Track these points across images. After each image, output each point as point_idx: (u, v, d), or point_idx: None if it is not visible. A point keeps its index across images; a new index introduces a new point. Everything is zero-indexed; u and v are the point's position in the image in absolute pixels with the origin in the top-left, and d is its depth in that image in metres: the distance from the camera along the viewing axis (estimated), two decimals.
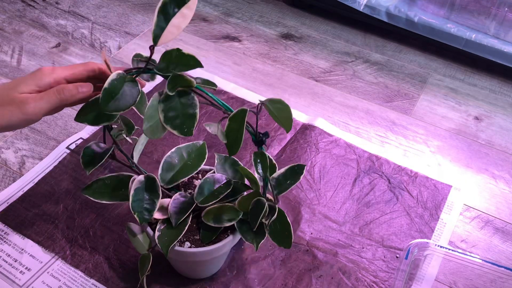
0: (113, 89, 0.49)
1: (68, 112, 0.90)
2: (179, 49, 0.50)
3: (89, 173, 0.56)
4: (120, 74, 0.50)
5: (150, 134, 0.50)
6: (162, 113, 0.50)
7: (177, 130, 0.50)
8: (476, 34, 1.01)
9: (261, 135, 0.55)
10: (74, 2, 1.18)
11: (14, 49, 1.04)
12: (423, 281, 0.69)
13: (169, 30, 0.50)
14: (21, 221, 0.73)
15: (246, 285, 0.67)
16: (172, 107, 0.51)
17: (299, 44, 1.10)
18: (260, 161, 0.56)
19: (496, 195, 0.81)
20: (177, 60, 0.50)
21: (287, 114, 0.53)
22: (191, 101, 0.51)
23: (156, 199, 0.57)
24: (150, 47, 0.50)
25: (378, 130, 0.91)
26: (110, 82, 0.49)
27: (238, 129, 0.52)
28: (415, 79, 1.03)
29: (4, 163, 0.81)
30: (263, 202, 0.57)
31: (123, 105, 0.49)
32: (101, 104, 0.48)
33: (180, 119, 0.51)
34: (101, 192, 0.59)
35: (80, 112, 0.53)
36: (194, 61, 0.50)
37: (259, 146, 0.57)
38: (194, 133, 0.86)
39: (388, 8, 1.06)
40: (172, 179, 0.61)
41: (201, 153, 0.62)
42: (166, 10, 0.49)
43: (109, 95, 0.49)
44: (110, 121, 0.53)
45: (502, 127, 0.94)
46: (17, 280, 0.66)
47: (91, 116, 0.52)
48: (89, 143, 0.59)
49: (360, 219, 0.76)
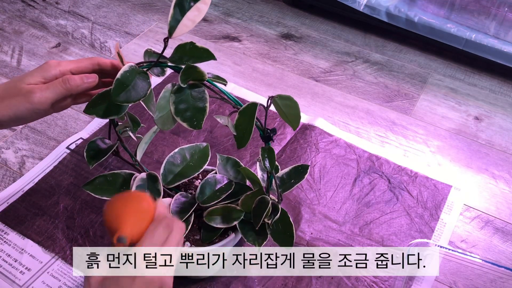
0: (125, 80, 0.50)
1: (68, 112, 0.90)
2: (193, 42, 0.51)
3: (92, 167, 0.56)
4: (132, 67, 0.51)
5: (161, 125, 0.51)
6: (173, 104, 0.51)
7: (187, 123, 0.51)
8: (476, 34, 1.01)
9: (269, 131, 0.56)
10: (74, 2, 1.18)
11: (14, 49, 1.04)
12: (423, 281, 0.69)
13: (184, 23, 0.50)
14: (21, 221, 0.73)
15: (246, 285, 0.67)
16: (183, 99, 0.51)
17: (299, 44, 1.10)
18: (268, 156, 0.56)
19: (496, 195, 0.81)
20: (190, 53, 0.51)
21: (295, 111, 0.54)
22: (202, 94, 0.52)
23: (157, 196, 0.57)
24: (164, 39, 0.51)
25: (378, 130, 0.91)
26: (123, 74, 0.50)
27: (248, 123, 0.52)
28: (415, 79, 1.03)
29: (4, 163, 0.81)
30: (267, 200, 0.57)
31: (133, 97, 0.50)
32: (112, 94, 0.49)
33: (191, 112, 0.51)
34: (103, 188, 0.59)
35: (89, 104, 0.53)
36: (208, 54, 0.51)
37: (266, 142, 0.57)
38: (194, 132, 0.86)
39: (388, 8, 1.06)
40: (173, 179, 0.61)
41: (204, 154, 0.63)
42: (182, 3, 0.50)
43: (121, 86, 0.49)
44: (119, 115, 0.53)
45: (502, 127, 0.94)
46: (17, 280, 0.66)
47: (100, 108, 0.53)
48: (94, 138, 0.59)
49: (360, 219, 0.76)
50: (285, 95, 0.53)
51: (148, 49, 0.55)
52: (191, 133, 0.86)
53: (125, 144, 0.60)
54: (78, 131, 0.87)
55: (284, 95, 0.53)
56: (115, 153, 0.60)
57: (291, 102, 0.53)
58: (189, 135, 0.86)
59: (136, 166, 0.62)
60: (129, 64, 0.51)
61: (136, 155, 0.62)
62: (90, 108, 0.52)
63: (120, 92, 0.49)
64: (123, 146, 0.60)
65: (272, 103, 0.53)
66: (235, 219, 0.58)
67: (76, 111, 0.90)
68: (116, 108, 0.53)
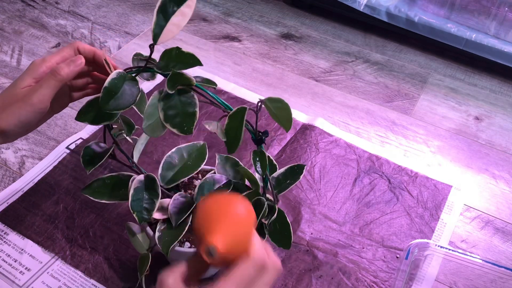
0: (113, 88, 0.49)
1: (68, 112, 0.90)
2: (179, 48, 0.51)
3: (89, 173, 0.56)
4: (120, 73, 0.50)
5: (150, 132, 0.50)
6: (162, 111, 0.50)
7: (176, 129, 0.50)
8: (476, 34, 1.01)
9: (261, 134, 0.56)
10: (74, 2, 1.18)
11: (14, 49, 1.04)
12: (423, 282, 0.69)
13: (169, 29, 0.50)
14: (21, 221, 0.72)
15: None
16: (172, 105, 0.51)
17: (299, 44, 1.10)
18: (259, 159, 0.56)
19: (497, 195, 0.81)
20: (176, 59, 0.51)
21: (286, 113, 0.53)
22: (191, 99, 0.51)
23: (156, 198, 0.57)
24: (150, 46, 0.50)
25: (378, 130, 0.91)
26: (110, 81, 0.49)
27: (238, 127, 0.52)
28: (415, 79, 1.03)
29: (4, 163, 0.81)
30: (263, 201, 0.57)
31: (123, 104, 0.49)
32: (100, 103, 0.48)
33: (180, 117, 0.51)
34: (101, 191, 0.59)
35: (80, 111, 0.53)
36: (194, 60, 0.50)
37: (258, 145, 0.57)
38: (194, 133, 0.86)
39: (388, 8, 1.06)
40: (172, 179, 0.60)
41: (201, 153, 0.62)
42: (166, 9, 0.50)
43: (109, 94, 0.49)
44: (111, 121, 0.53)
45: (502, 127, 0.94)
46: (17, 280, 0.66)
47: (91, 115, 0.52)
48: (90, 143, 0.59)
49: (360, 219, 0.76)
50: (275, 98, 0.53)
51: (136, 55, 0.54)
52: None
53: (121, 147, 0.60)
54: (78, 131, 0.86)
55: (275, 98, 0.53)
56: (112, 156, 0.60)
57: (282, 105, 0.53)
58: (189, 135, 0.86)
59: (133, 168, 0.62)
60: (117, 71, 0.50)
61: (133, 156, 0.62)
62: (82, 115, 0.52)
63: (109, 100, 0.49)
64: (119, 148, 0.60)
65: (264, 106, 0.53)
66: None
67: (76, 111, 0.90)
68: (107, 115, 0.52)
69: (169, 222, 0.58)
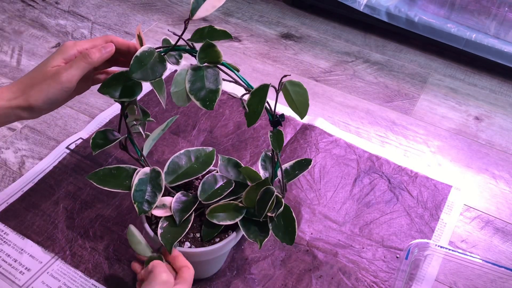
0: (143, 59, 0.51)
1: (68, 112, 0.90)
2: (212, 26, 0.54)
3: (95, 153, 0.58)
4: (151, 48, 0.52)
5: (175, 99, 0.52)
6: (188, 82, 0.52)
7: (200, 102, 0.52)
8: (476, 34, 1.01)
9: (278, 117, 0.56)
10: (74, 2, 1.18)
11: (14, 49, 1.04)
12: (423, 281, 0.69)
13: (205, 7, 0.53)
14: (21, 221, 0.72)
15: (246, 285, 0.67)
16: (198, 78, 0.53)
17: (299, 44, 1.10)
18: (277, 138, 0.57)
19: (496, 195, 0.81)
20: (209, 35, 0.53)
21: (304, 98, 0.54)
22: (216, 76, 0.53)
23: (158, 192, 0.58)
24: (185, 21, 0.53)
25: (378, 130, 0.91)
26: (142, 52, 0.51)
27: (258, 103, 0.53)
28: (415, 79, 1.03)
29: (4, 163, 0.81)
30: (272, 190, 0.57)
31: (150, 75, 0.51)
32: (130, 70, 0.50)
33: (205, 91, 0.53)
34: (106, 179, 0.60)
35: (104, 84, 0.54)
36: (225, 34, 0.53)
37: (275, 127, 0.57)
38: (194, 132, 0.86)
39: (388, 8, 1.06)
40: (176, 178, 0.62)
41: (209, 158, 0.65)
42: None
43: (139, 63, 0.51)
44: (132, 97, 0.55)
45: (502, 127, 0.94)
46: (17, 280, 0.66)
47: (114, 89, 0.54)
48: (105, 129, 0.60)
49: (360, 219, 0.76)
50: (295, 81, 0.54)
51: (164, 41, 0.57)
52: (191, 132, 0.86)
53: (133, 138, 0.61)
54: (78, 131, 0.86)
55: (295, 81, 0.54)
56: (123, 147, 0.61)
57: (301, 89, 0.54)
58: (189, 135, 0.86)
59: (141, 162, 0.63)
60: (148, 46, 0.53)
61: (143, 150, 0.63)
62: (105, 88, 0.54)
63: (138, 69, 0.50)
64: (130, 139, 0.60)
65: (282, 90, 0.54)
66: (237, 216, 0.59)
67: (76, 111, 0.90)
68: (129, 91, 0.54)
69: (171, 219, 0.59)
